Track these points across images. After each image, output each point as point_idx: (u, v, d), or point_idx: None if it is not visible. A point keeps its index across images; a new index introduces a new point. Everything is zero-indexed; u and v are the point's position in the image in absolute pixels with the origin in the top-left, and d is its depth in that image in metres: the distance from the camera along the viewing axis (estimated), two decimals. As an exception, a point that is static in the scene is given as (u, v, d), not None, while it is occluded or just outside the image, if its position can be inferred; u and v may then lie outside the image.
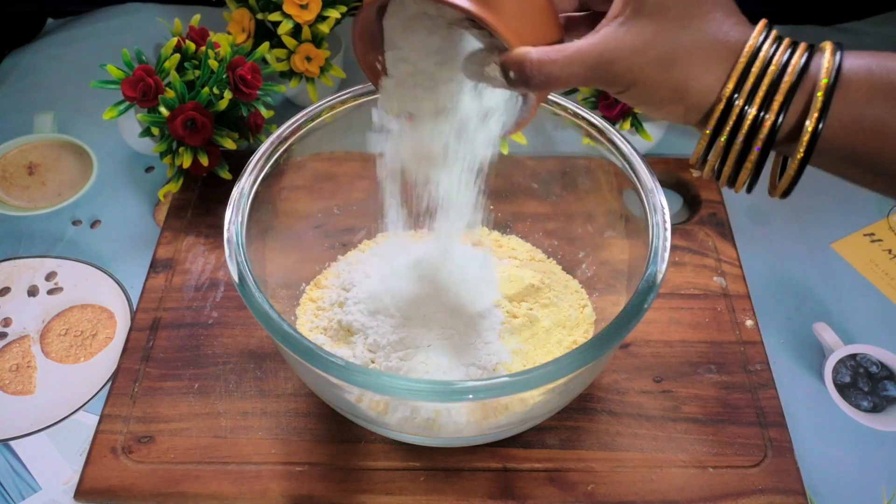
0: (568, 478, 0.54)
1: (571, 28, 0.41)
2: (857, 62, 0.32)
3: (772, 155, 0.34)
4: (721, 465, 0.54)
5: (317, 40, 0.75)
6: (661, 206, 0.49)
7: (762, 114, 0.32)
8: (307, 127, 0.55)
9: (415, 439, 0.52)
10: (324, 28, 0.74)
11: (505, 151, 0.50)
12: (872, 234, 0.73)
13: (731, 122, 0.33)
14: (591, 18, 0.40)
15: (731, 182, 0.35)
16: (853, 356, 0.62)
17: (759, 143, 0.33)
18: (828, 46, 0.32)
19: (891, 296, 0.68)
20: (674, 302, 0.64)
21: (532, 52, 0.35)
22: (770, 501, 0.53)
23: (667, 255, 0.46)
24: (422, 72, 0.42)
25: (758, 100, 0.32)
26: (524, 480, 0.54)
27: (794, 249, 0.72)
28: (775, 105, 0.32)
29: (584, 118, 0.54)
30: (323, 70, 0.76)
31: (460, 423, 0.49)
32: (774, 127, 0.32)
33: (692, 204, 0.74)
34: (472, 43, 0.40)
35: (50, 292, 0.67)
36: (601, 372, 0.59)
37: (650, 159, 0.71)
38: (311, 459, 0.54)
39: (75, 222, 0.73)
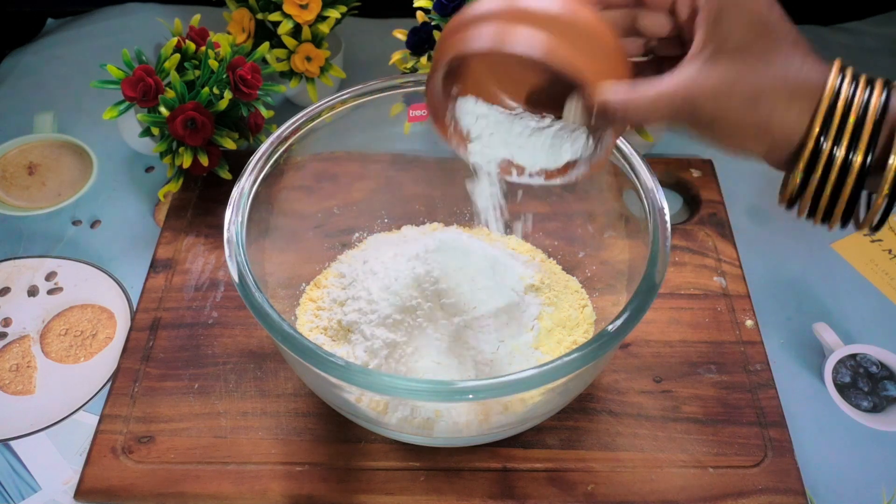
0: (568, 478, 0.54)
1: (637, 74, 0.40)
2: None
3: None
4: (721, 465, 0.54)
5: (317, 40, 0.75)
6: (661, 206, 0.49)
7: (850, 155, 0.33)
8: (307, 127, 0.55)
9: (415, 439, 0.52)
10: (324, 28, 0.74)
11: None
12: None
13: (821, 165, 0.33)
14: (655, 64, 0.40)
15: (826, 219, 0.35)
16: (853, 356, 0.62)
17: (850, 183, 0.33)
18: None
19: (891, 296, 0.68)
20: (674, 302, 0.64)
21: (617, 91, 0.35)
22: (770, 501, 0.53)
23: (667, 255, 0.46)
24: (499, 122, 0.42)
25: (845, 141, 0.32)
26: (524, 480, 0.54)
27: (794, 249, 0.71)
28: (862, 145, 0.32)
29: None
30: (323, 70, 0.76)
31: (460, 423, 0.49)
32: (864, 167, 0.33)
33: (692, 204, 0.74)
34: None
35: (50, 292, 0.67)
36: (601, 372, 0.59)
37: (650, 159, 0.71)
38: (311, 459, 0.54)
39: (75, 222, 0.73)
